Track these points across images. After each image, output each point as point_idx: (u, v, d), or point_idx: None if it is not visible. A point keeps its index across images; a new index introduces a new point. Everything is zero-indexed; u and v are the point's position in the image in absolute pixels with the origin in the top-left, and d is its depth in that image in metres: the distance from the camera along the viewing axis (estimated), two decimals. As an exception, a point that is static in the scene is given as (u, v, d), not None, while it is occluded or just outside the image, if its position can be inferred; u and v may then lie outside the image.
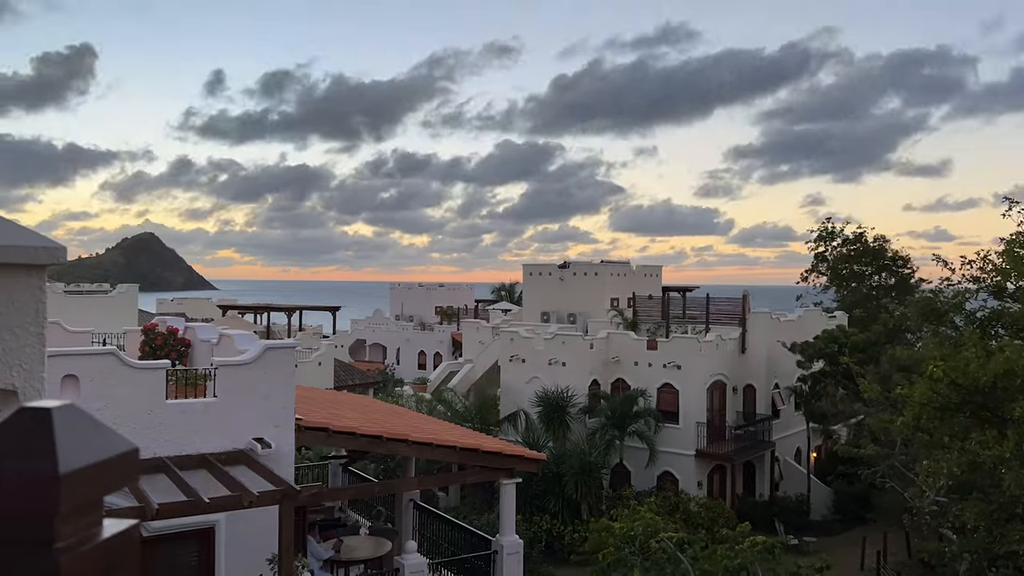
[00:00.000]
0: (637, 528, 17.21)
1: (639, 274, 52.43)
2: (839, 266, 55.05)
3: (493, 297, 78.92)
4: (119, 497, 9.55)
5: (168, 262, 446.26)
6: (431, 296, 74.51)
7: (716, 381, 35.50)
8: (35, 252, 3.16)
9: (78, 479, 1.17)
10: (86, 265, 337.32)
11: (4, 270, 3.12)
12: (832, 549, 27.87)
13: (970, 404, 17.32)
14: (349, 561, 15.82)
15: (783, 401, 37.60)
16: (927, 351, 20.71)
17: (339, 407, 18.06)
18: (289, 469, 13.83)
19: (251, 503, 11.58)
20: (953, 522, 19.72)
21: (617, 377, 36.06)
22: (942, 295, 21.69)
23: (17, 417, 1.21)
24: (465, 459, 16.23)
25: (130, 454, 1.28)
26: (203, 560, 13.32)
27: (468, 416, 34.50)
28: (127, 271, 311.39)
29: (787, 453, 38.11)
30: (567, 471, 30.07)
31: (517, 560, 16.36)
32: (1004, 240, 20.07)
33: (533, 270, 53.87)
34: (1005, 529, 16.27)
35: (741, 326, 37.96)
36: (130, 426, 12.11)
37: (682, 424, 34.24)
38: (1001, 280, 19.90)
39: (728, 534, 17.82)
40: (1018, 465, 15.41)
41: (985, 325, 19.87)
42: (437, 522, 18.20)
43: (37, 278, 3.22)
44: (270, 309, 58.93)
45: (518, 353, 37.83)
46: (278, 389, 13.84)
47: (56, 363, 11.52)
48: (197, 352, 17.66)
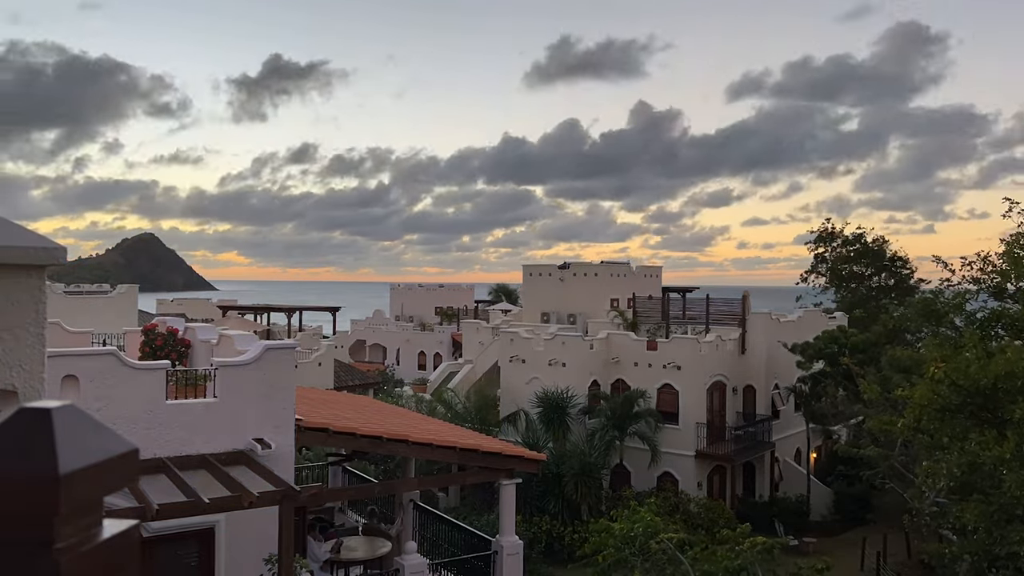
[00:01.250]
0: (637, 529, 17.22)
1: (639, 275, 52.44)
2: (839, 267, 55.06)
3: (492, 298, 78.95)
4: (119, 497, 9.55)
5: (168, 263, 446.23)
6: (431, 297, 74.55)
7: (716, 382, 35.49)
8: (35, 252, 3.16)
9: (78, 479, 1.16)
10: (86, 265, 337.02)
11: (4, 270, 3.12)
12: (832, 550, 27.87)
13: (970, 405, 17.31)
14: (348, 561, 15.82)
15: (783, 402, 37.59)
16: (927, 352, 20.70)
17: (339, 407, 18.05)
18: (289, 469, 13.82)
19: (251, 503, 11.57)
20: (953, 523, 19.72)
21: (617, 378, 36.05)
22: (942, 296, 21.67)
23: (17, 417, 1.21)
24: (465, 459, 16.23)
25: (130, 454, 1.28)
26: (203, 560, 13.31)
27: (468, 416, 34.50)
28: (127, 272, 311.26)
29: (787, 454, 38.10)
30: (567, 472, 30.06)
31: (517, 561, 16.35)
32: (1004, 241, 20.05)
33: (533, 271, 53.86)
34: (1005, 530, 16.25)
35: (741, 327, 37.96)
36: (130, 426, 12.11)
37: (682, 425, 34.23)
38: (1001, 281, 19.88)
39: (728, 535, 17.82)
40: (1018, 466, 15.40)
41: (985, 326, 19.85)
42: (437, 522, 18.20)
43: (37, 278, 3.22)
44: (270, 309, 58.97)
45: (518, 353, 37.82)
46: (278, 389, 13.84)
47: (56, 363, 11.52)
48: (197, 352, 17.65)
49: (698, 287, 54.73)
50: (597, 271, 51.63)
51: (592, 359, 36.27)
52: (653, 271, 54.74)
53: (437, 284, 78.76)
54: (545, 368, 36.30)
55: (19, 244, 3.12)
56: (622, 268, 52.29)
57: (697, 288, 53.93)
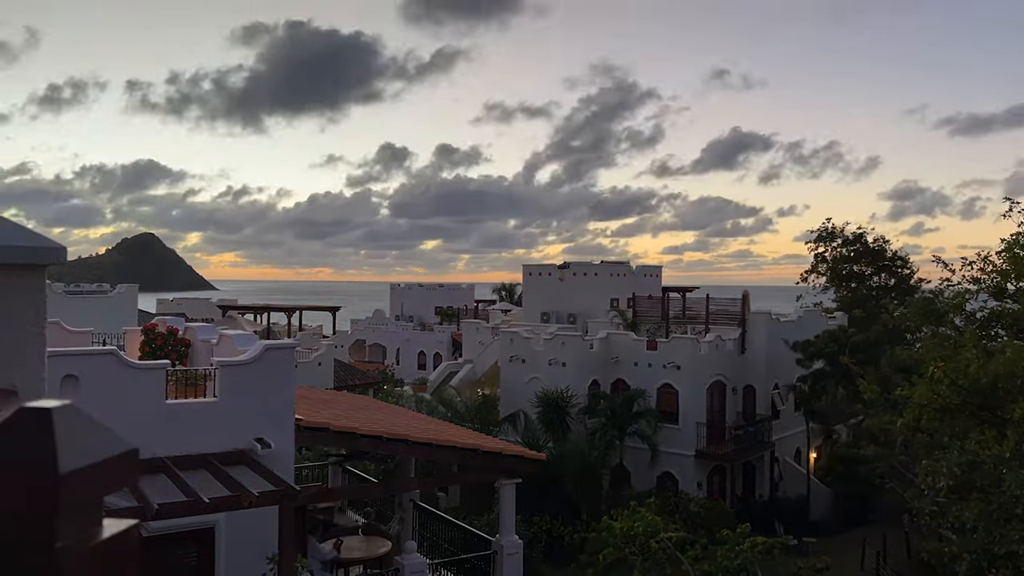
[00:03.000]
0: (637, 528, 17.23)
1: (639, 274, 52.44)
2: (839, 266, 55.04)
3: (493, 297, 78.94)
4: (119, 497, 9.54)
5: (168, 262, 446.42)
6: (431, 296, 74.51)
7: (716, 381, 35.49)
8: (35, 252, 3.16)
9: (78, 479, 1.17)
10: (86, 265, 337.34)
11: (4, 270, 3.12)
12: (832, 550, 27.84)
13: (970, 405, 17.32)
14: (349, 561, 15.83)
15: (783, 401, 37.59)
16: (926, 352, 20.70)
17: (339, 407, 18.05)
18: (289, 469, 13.82)
19: (251, 503, 11.58)
20: (953, 522, 19.70)
21: (617, 377, 36.05)
22: (942, 296, 21.71)
23: (17, 417, 1.21)
24: (465, 459, 16.23)
25: (130, 454, 1.28)
26: (203, 560, 13.31)
27: (468, 416, 34.50)
28: (127, 271, 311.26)
29: (787, 453, 38.10)
30: (567, 471, 30.05)
31: (517, 560, 16.35)
32: (1004, 240, 20.06)
33: (533, 271, 53.88)
34: (1005, 529, 16.25)
35: (741, 326, 37.95)
36: (130, 426, 12.10)
37: (682, 424, 34.23)
38: (1001, 281, 19.90)
39: (728, 535, 17.82)
40: (1018, 465, 15.40)
41: (985, 326, 19.87)
42: (437, 522, 18.20)
43: (37, 278, 3.22)
44: (270, 309, 58.99)
45: (518, 353, 37.82)
46: (278, 389, 13.84)
47: (56, 363, 11.51)
48: (197, 352, 17.65)
49: (698, 287, 54.70)
50: (597, 271, 51.64)
51: (592, 359, 36.26)
52: (653, 271, 54.73)
53: (437, 284, 78.67)
54: (545, 368, 36.30)
55: (19, 243, 3.12)
56: (622, 268, 52.31)
57: (697, 288, 53.91)
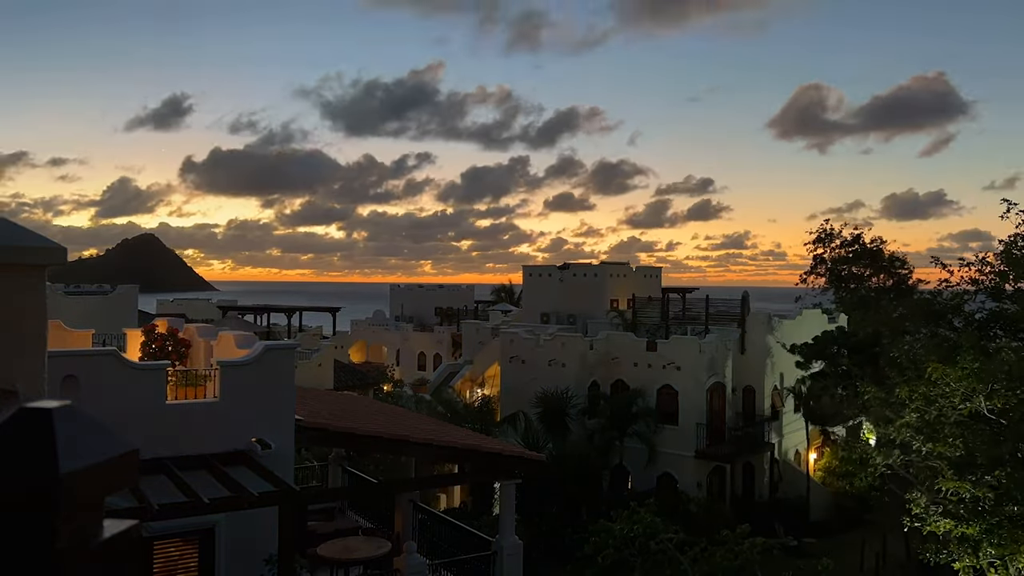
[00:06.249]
0: (637, 529, 17.23)
1: (639, 275, 52.41)
2: (838, 267, 55.02)
3: (493, 298, 78.90)
4: (119, 497, 9.54)
5: (169, 263, 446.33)
6: (431, 297, 74.46)
7: (715, 382, 35.48)
8: (35, 252, 3.16)
9: (78, 479, 1.17)
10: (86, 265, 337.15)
11: (4, 270, 3.12)
12: (831, 550, 27.82)
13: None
14: (349, 561, 15.81)
15: (782, 402, 37.57)
16: (926, 352, 20.71)
17: (339, 407, 18.05)
18: (289, 469, 13.82)
19: (251, 504, 11.58)
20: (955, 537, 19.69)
21: (617, 378, 36.03)
22: (940, 297, 21.72)
23: (17, 417, 1.21)
24: (465, 460, 16.23)
25: (130, 454, 1.28)
26: (203, 560, 13.31)
27: (468, 417, 34.50)
28: (127, 272, 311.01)
29: (786, 454, 38.07)
30: (567, 472, 30.05)
31: (517, 561, 16.33)
32: (1002, 242, 20.08)
33: (533, 271, 53.85)
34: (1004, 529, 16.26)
35: (740, 327, 37.94)
36: (130, 426, 12.10)
37: (681, 425, 34.21)
38: (999, 282, 19.92)
39: (728, 535, 17.82)
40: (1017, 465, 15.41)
41: (983, 327, 19.89)
42: (437, 523, 18.18)
43: (37, 278, 3.23)
44: (270, 310, 58.96)
45: (518, 354, 37.81)
46: (278, 389, 13.83)
47: (56, 363, 11.49)
48: (197, 352, 17.66)
49: (697, 287, 54.68)
50: (597, 272, 51.60)
51: (592, 359, 36.25)
52: (653, 271, 54.71)
53: (437, 285, 78.62)
54: (545, 368, 36.28)
55: (19, 244, 3.12)
56: (622, 269, 52.27)
57: (697, 288, 53.90)
